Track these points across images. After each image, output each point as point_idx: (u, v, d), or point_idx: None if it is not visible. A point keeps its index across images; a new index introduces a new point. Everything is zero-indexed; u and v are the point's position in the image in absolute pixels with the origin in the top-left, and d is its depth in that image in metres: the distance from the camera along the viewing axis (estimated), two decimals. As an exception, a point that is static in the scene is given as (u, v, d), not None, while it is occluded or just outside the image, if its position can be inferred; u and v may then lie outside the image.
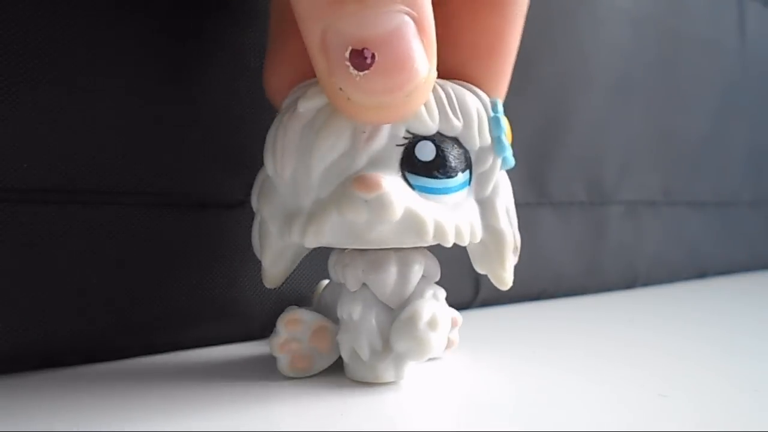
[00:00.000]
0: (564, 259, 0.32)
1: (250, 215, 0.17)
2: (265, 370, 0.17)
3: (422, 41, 0.13)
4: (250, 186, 0.19)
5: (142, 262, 0.18)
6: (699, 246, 0.41)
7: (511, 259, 0.17)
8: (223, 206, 0.19)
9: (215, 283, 0.19)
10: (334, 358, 0.17)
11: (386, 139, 0.14)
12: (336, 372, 0.17)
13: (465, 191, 0.16)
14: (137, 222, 0.18)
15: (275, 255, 0.16)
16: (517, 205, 0.17)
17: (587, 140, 0.32)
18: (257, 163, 0.17)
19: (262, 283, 0.17)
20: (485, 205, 0.16)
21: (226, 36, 0.19)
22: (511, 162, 0.16)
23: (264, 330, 0.21)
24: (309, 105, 0.15)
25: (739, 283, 0.42)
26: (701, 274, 0.42)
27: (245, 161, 0.19)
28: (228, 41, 0.19)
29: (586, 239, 0.33)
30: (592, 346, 0.22)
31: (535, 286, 0.31)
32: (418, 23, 0.13)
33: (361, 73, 0.12)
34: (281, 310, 0.18)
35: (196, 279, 0.19)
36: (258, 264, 0.17)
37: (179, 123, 0.18)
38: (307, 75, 0.16)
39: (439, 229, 0.15)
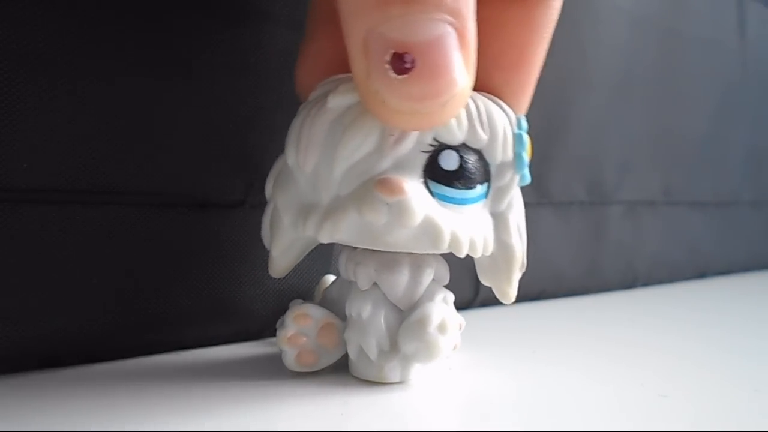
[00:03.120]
0: (564, 259, 0.32)
1: (251, 215, 0.17)
2: (266, 370, 0.17)
3: (462, 53, 0.13)
4: (251, 186, 0.19)
5: (142, 262, 0.18)
6: (699, 246, 0.41)
7: (518, 275, 0.17)
8: (224, 206, 0.19)
9: (215, 282, 0.19)
10: (339, 355, 0.17)
11: (412, 144, 0.14)
12: (338, 371, 0.17)
13: (481, 203, 0.16)
14: (137, 222, 0.18)
15: (285, 245, 0.16)
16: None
17: (587, 140, 0.32)
18: (258, 163, 0.17)
19: (266, 277, 0.17)
20: (499, 220, 0.16)
21: (227, 36, 0.19)
22: (528, 179, 0.16)
23: (264, 330, 0.21)
24: (339, 101, 0.15)
25: (739, 283, 0.42)
26: (701, 274, 0.42)
27: (246, 161, 0.19)
28: (229, 41, 0.19)
29: (586, 239, 0.33)
30: (592, 346, 0.22)
31: (535, 286, 0.31)
32: (460, 35, 0.13)
33: (399, 77, 0.12)
34: (282, 310, 0.18)
35: (197, 279, 0.19)
36: (258, 263, 0.17)
37: (179, 123, 0.18)
38: (336, 70, 0.16)
39: (454, 240, 0.15)
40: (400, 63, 0.12)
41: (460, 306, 0.17)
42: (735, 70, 0.42)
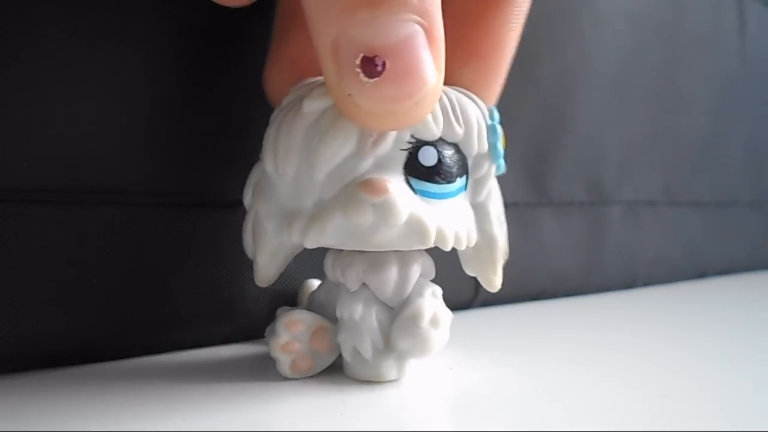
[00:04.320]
0: (564, 259, 0.32)
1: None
2: (265, 370, 0.17)
3: (431, 50, 0.13)
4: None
5: (141, 262, 0.18)
6: (699, 246, 0.41)
7: (501, 263, 0.17)
8: (222, 206, 0.19)
9: (215, 282, 0.19)
10: (333, 358, 0.17)
11: (391, 143, 0.15)
12: (335, 371, 0.17)
13: (461, 196, 0.16)
14: (137, 222, 0.18)
15: (270, 253, 0.16)
16: (517, 205, 0.18)
17: (587, 140, 0.32)
18: (257, 163, 0.17)
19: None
20: (479, 210, 0.17)
21: (226, 36, 0.19)
22: (503, 168, 0.16)
23: (264, 330, 0.21)
24: (315, 105, 0.15)
25: (739, 283, 0.42)
26: (701, 274, 0.42)
27: (246, 161, 0.19)
28: (227, 41, 0.19)
29: (586, 239, 0.33)
30: (591, 346, 0.22)
31: (535, 286, 0.31)
32: (428, 32, 0.13)
33: (371, 80, 0.13)
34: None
35: (196, 279, 0.19)
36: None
37: (179, 123, 0.18)
38: (307, 74, 0.16)
39: (440, 235, 0.15)
40: (371, 66, 0.12)
41: (460, 306, 0.17)
42: (735, 70, 0.42)
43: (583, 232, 0.33)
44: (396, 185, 0.14)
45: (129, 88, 0.17)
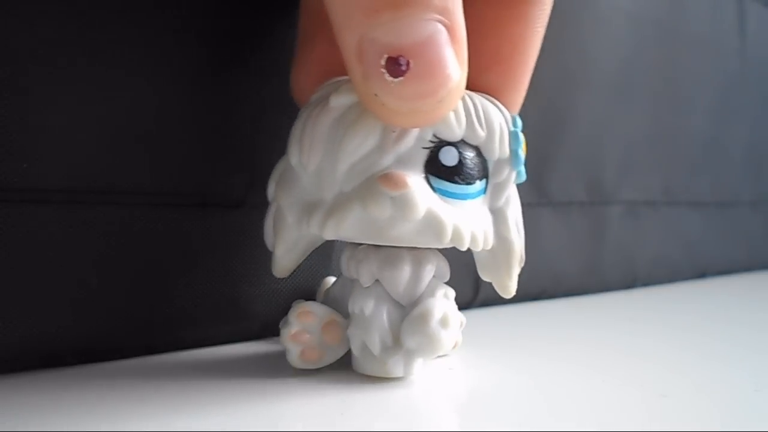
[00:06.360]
0: (564, 259, 0.32)
1: (251, 215, 0.17)
2: (266, 370, 0.17)
3: (454, 48, 0.13)
4: (251, 186, 0.19)
5: (141, 262, 0.18)
6: (699, 246, 0.41)
7: (517, 269, 0.17)
8: (224, 206, 0.19)
9: (215, 282, 0.19)
10: (343, 352, 0.17)
11: (413, 140, 0.15)
12: (338, 368, 0.17)
13: (480, 199, 0.16)
14: (137, 222, 0.18)
15: (289, 245, 0.17)
16: (517, 205, 0.17)
17: (587, 140, 0.32)
18: (258, 163, 0.17)
19: (266, 277, 0.17)
20: (497, 215, 0.17)
21: (227, 36, 0.19)
22: (524, 176, 0.17)
23: (265, 330, 0.21)
24: (341, 100, 0.15)
25: (739, 283, 0.42)
26: (701, 274, 0.42)
27: (246, 161, 0.19)
28: (229, 41, 0.19)
29: (586, 239, 0.33)
30: (591, 346, 0.22)
31: (535, 286, 0.31)
32: (450, 31, 0.13)
33: (396, 80, 0.13)
34: (282, 310, 0.18)
35: (196, 279, 0.19)
36: (259, 263, 0.17)
37: (179, 123, 0.18)
38: (335, 74, 0.16)
39: (456, 234, 0.15)
40: (396, 66, 0.13)
41: (460, 306, 0.17)
42: (735, 70, 0.42)
43: (583, 232, 0.33)
44: (415, 180, 0.15)
45: (129, 88, 0.17)
